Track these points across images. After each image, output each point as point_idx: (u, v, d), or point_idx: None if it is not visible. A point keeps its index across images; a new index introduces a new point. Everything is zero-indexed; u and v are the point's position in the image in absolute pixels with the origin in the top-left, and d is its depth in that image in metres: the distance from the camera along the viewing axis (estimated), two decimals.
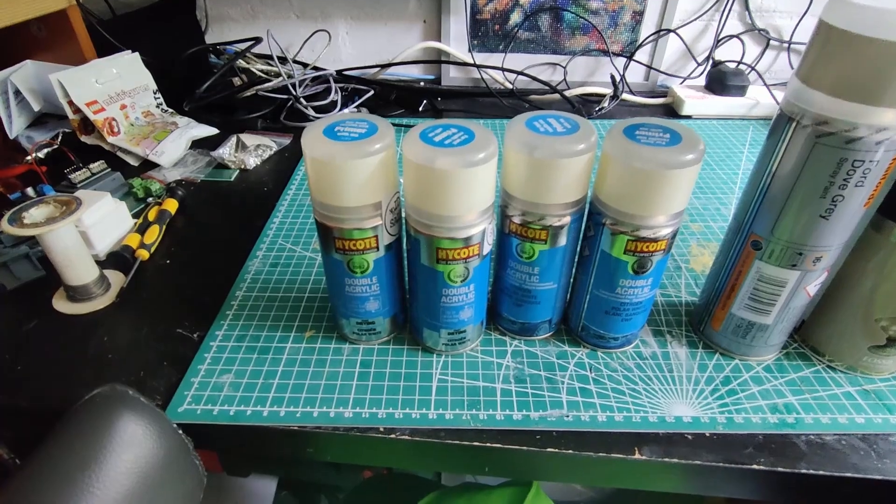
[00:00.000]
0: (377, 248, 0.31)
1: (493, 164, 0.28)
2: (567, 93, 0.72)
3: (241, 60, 0.73)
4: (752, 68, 0.74)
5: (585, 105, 0.72)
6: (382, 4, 0.77)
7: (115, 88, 0.59)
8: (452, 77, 0.80)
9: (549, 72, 0.78)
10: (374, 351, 0.36)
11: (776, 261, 0.31)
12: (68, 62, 0.60)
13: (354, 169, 0.28)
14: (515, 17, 0.75)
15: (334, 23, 0.79)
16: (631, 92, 0.74)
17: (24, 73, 0.59)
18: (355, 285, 0.33)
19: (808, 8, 0.71)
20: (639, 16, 0.74)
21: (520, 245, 0.32)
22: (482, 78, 0.74)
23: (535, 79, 0.71)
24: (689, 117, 0.69)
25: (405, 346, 0.36)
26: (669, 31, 0.72)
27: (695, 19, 0.74)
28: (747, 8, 0.73)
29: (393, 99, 0.74)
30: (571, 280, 0.35)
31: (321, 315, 0.39)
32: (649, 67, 0.76)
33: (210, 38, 0.80)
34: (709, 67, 0.73)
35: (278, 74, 0.70)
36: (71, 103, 0.56)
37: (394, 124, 0.67)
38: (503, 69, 0.73)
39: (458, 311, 0.33)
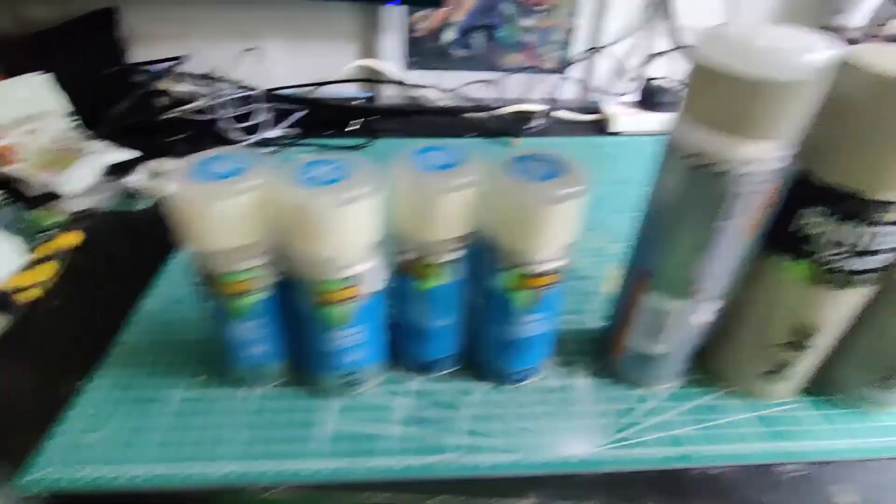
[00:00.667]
0: (257, 290, 0.30)
1: (369, 202, 0.27)
2: (501, 111, 0.72)
3: (168, 80, 0.70)
4: (674, 83, 0.75)
5: (518, 122, 0.72)
6: (316, 23, 0.76)
7: (18, 113, 0.56)
8: (390, 95, 0.79)
9: (486, 88, 0.78)
10: (264, 398, 0.34)
11: (665, 291, 0.30)
12: None
13: (227, 210, 0.26)
14: (450, 35, 0.75)
15: (268, 41, 0.77)
16: (564, 109, 0.75)
17: None
18: (237, 329, 0.31)
19: None
20: (570, 34, 0.74)
21: (411, 282, 0.31)
22: (411, 97, 0.73)
23: (471, 99, 0.71)
24: (618, 134, 0.70)
25: (301, 388, 0.35)
26: (597, 49, 0.73)
27: (625, 37, 0.75)
28: (673, 27, 0.74)
29: (326, 119, 0.72)
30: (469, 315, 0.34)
31: (218, 358, 0.37)
32: (583, 85, 0.76)
33: (137, 57, 0.77)
34: (641, 84, 0.74)
35: (204, 95, 0.68)
36: None
37: (326, 146, 0.66)
38: (434, 87, 0.73)
39: (347, 354, 0.32)
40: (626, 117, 0.70)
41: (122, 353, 0.37)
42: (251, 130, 0.66)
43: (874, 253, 0.27)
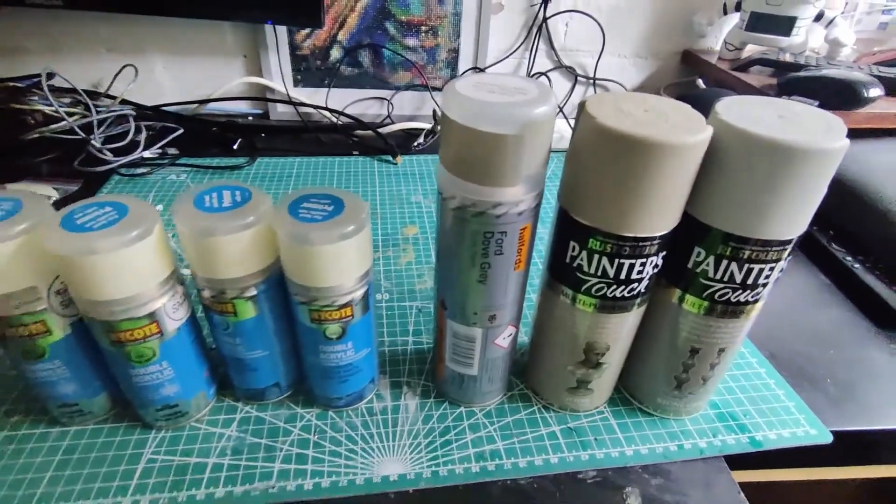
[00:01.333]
0: (49, 331, 0.29)
1: (148, 241, 0.27)
2: (390, 128, 0.73)
3: (33, 98, 0.67)
4: (560, 108, 0.79)
5: (407, 140, 0.73)
6: (199, 39, 0.74)
7: None
8: (281, 112, 0.78)
9: (378, 105, 0.79)
10: (85, 433, 0.34)
11: (460, 320, 0.32)
12: None
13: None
14: (336, 53, 0.75)
15: (149, 57, 0.75)
16: None
17: None
18: (38, 371, 0.31)
19: (603, 48, 0.78)
20: (454, 53, 0.77)
21: (216, 317, 0.31)
22: (298, 114, 0.73)
23: (349, 116, 0.72)
24: None
25: (124, 423, 0.34)
26: (479, 69, 0.76)
27: (505, 58, 0.78)
28: (552, 47, 0.78)
29: (209, 137, 0.71)
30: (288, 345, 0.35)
31: (34, 397, 0.36)
32: None
33: (1, 73, 0.73)
34: None
35: (71, 114, 0.66)
36: None
37: (204, 166, 0.65)
38: (322, 108, 0.73)
39: (159, 389, 0.32)
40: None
41: None
42: (125, 151, 0.64)
43: (634, 282, 0.30)
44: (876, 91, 0.57)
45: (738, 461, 0.35)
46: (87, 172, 0.62)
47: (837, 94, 0.57)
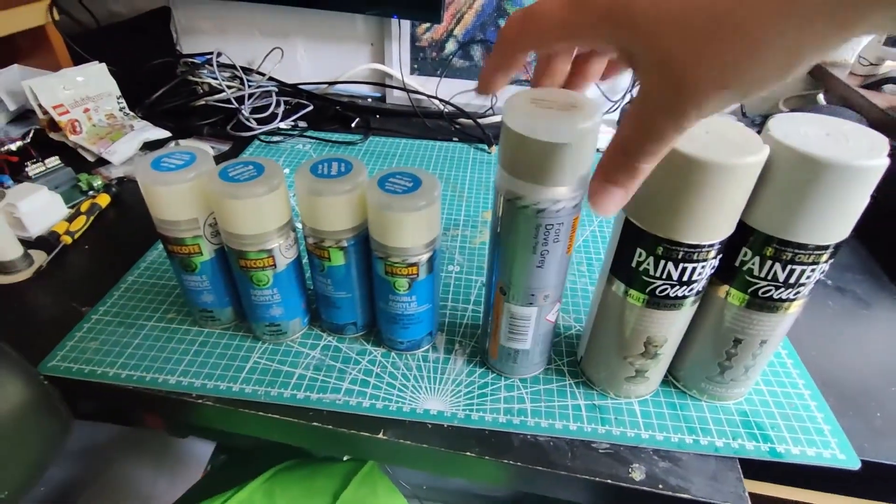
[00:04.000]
0: (201, 252, 0.40)
1: (274, 195, 0.36)
2: (489, 119, 0.79)
3: (204, 71, 0.82)
4: None
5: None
6: (335, 27, 0.85)
7: (80, 94, 0.70)
8: (397, 96, 0.87)
9: (483, 97, 0.85)
10: (214, 334, 0.45)
11: (518, 301, 0.37)
12: (49, 68, 0.71)
13: (171, 193, 0.36)
14: (451, 47, 0.82)
15: (293, 41, 0.88)
16: None
17: (10, 76, 0.70)
18: (190, 281, 0.42)
19: None
20: None
21: (315, 261, 0.40)
22: (410, 100, 0.81)
23: (454, 105, 0.79)
24: (598, 150, 0.75)
25: (241, 332, 0.45)
26: None
27: None
28: None
29: (332, 115, 0.82)
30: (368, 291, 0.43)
31: (185, 302, 0.48)
32: None
33: (183, 49, 0.90)
34: (624, 104, 0.78)
35: (230, 87, 0.80)
36: (40, 106, 0.66)
37: (325, 139, 0.76)
38: (430, 96, 0.81)
39: (269, 309, 0.41)
40: (604, 136, 0.75)
41: (122, 290, 0.48)
42: (266, 121, 0.77)
43: (694, 282, 0.33)
44: None
45: (756, 470, 0.37)
46: (236, 136, 0.75)
47: None
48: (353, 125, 0.80)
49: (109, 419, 0.59)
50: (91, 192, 0.62)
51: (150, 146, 0.71)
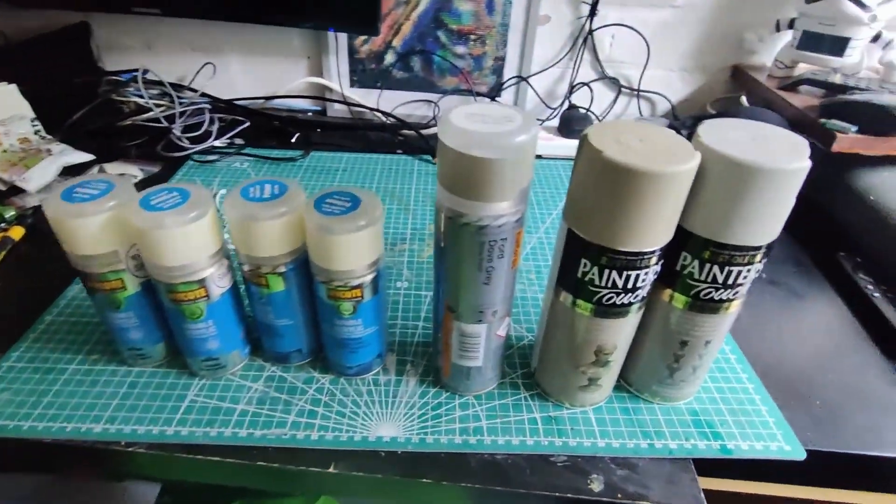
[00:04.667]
0: (125, 287, 0.37)
1: (202, 222, 0.34)
2: (432, 129, 0.78)
3: (128, 90, 0.78)
4: (591, 112, 0.81)
5: None
6: (269, 41, 0.83)
7: None
8: (338, 110, 0.86)
9: (425, 108, 0.84)
10: (145, 374, 0.41)
11: (467, 320, 0.36)
12: None
13: (86, 225, 0.33)
14: (390, 58, 0.81)
15: (226, 56, 0.84)
16: None
17: None
18: (116, 318, 0.38)
19: (647, 62, 0.79)
20: (500, 61, 0.80)
21: (253, 289, 0.38)
22: (352, 113, 0.80)
23: (395, 117, 0.78)
24: (539, 157, 0.76)
25: (175, 369, 0.42)
26: (522, 78, 0.79)
27: (549, 67, 0.81)
28: (597, 59, 0.80)
29: (271, 130, 0.79)
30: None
31: (111, 341, 0.44)
32: None
33: (106, 67, 0.85)
34: (561, 111, 0.80)
35: (159, 105, 0.76)
36: None
37: (264, 157, 0.73)
38: (372, 109, 0.79)
39: (204, 343, 0.39)
40: (545, 142, 0.76)
41: (39, 332, 0.44)
42: (200, 139, 0.73)
43: (639, 288, 0.33)
44: None
45: (709, 468, 0.38)
46: (167, 157, 0.71)
47: (878, 120, 0.56)
48: (293, 140, 0.77)
49: (30, 470, 0.54)
50: (2, 225, 0.57)
51: (71, 171, 0.66)
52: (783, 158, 0.29)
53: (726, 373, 0.44)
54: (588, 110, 0.78)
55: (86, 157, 0.68)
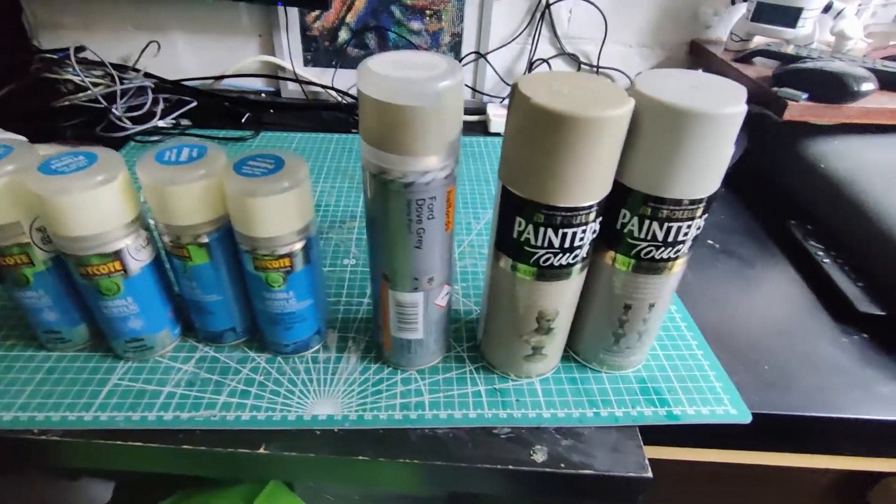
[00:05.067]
0: (31, 263, 0.34)
1: (111, 186, 0.31)
2: None
3: (65, 68, 0.73)
4: None
5: None
6: (217, 18, 0.79)
7: None
8: (292, 90, 0.83)
9: None
10: (65, 358, 0.39)
11: (402, 288, 0.34)
12: None
13: None
14: (344, 35, 0.79)
15: (171, 35, 0.80)
16: None
17: None
18: (25, 297, 0.36)
19: (605, 36, 0.78)
20: (458, 37, 0.78)
21: (176, 262, 0.35)
22: (305, 93, 0.77)
23: (351, 96, 0.75)
24: (497, 134, 0.75)
25: (99, 353, 0.39)
26: (480, 54, 0.77)
27: (508, 43, 0.79)
28: (556, 34, 0.79)
29: (221, 112, 0.76)
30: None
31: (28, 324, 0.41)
32: (472, 89, 0.81)
33: (42, 46, 0.81)
34: None
35: (97, 85, 0.72)
36: None
37: (211, 136, 0.70)
38: (326, 87, 0.77)
39: (125, 322, 0.36)
40: (500, 119, 0.74)
41: None
42: (143, 119, 0.70)
43: (577, 248, 0.32)
44: (868, 86, 0.55)
45: (658, 436, 0.37)
46: (106, 138, 0.68)
47: (828, 87, 0.56)
48: (243, 121, 0.74)
49: None
50: None
51: None
52: (719, 103, 0.28)
53: (676, 340, 0.43)
54: None
55: (15, 137, 0.64)
